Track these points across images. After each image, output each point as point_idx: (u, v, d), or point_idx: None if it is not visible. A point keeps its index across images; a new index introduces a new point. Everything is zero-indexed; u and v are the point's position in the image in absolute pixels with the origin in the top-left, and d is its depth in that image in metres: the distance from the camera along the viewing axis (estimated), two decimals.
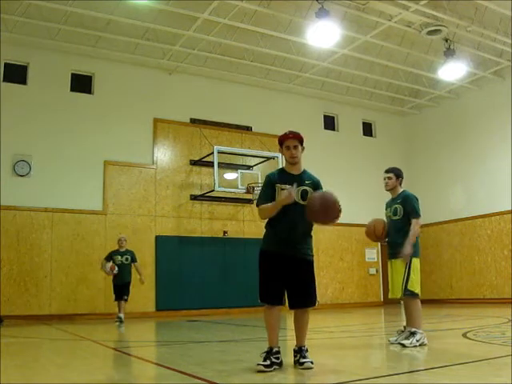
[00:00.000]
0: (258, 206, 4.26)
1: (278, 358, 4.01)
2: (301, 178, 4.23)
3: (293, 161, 4.23)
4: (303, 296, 4.14)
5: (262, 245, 4.27)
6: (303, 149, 4.29)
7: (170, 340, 7.53)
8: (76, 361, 5.26)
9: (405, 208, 5.52)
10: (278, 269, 4.11)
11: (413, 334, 5.21)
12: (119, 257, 10.70)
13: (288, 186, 4.10)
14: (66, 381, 3.91)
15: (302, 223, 4.15)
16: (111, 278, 10.75)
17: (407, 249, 5.32)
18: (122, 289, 10.60)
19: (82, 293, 12.21)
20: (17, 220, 11.94)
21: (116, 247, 10.99)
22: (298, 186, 4.15)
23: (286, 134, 4.27)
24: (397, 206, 5.59)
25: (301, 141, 4.27)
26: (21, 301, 11.64)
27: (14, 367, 4.53)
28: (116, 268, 10.39)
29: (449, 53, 13.13)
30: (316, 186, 4.28)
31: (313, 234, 4.25)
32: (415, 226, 5.41)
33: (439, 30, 12.41)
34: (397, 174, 5.72)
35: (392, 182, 5.70)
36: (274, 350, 4.02)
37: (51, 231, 12.27)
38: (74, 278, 12.28)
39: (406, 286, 5.34)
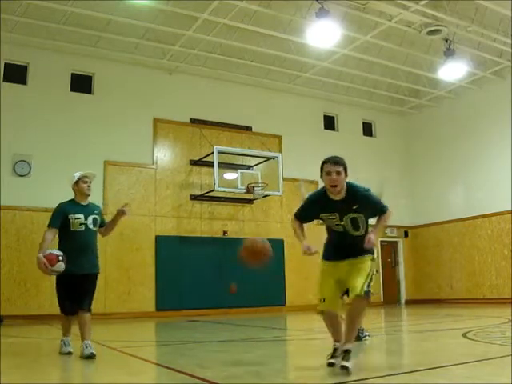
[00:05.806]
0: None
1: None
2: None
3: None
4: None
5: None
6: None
7: (170, 340, 7.53)
8: (76, 361, 5.26)
9: None
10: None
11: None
12: (82, 217, 5.33)
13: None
14: (66, 381, 3.91)
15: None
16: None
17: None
18: (81, 285, 5.11)
19: None
20: (17, 220, 11.94)
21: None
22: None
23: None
24: None
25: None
26: (21, 301, 11.63)
27: (14, 367, 4.53)
28: (60, 260, 4.98)
29: (449, 53, 13.12)
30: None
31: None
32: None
33: (439, 30, 12.40)
34: None
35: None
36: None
37: None
38: None
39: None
